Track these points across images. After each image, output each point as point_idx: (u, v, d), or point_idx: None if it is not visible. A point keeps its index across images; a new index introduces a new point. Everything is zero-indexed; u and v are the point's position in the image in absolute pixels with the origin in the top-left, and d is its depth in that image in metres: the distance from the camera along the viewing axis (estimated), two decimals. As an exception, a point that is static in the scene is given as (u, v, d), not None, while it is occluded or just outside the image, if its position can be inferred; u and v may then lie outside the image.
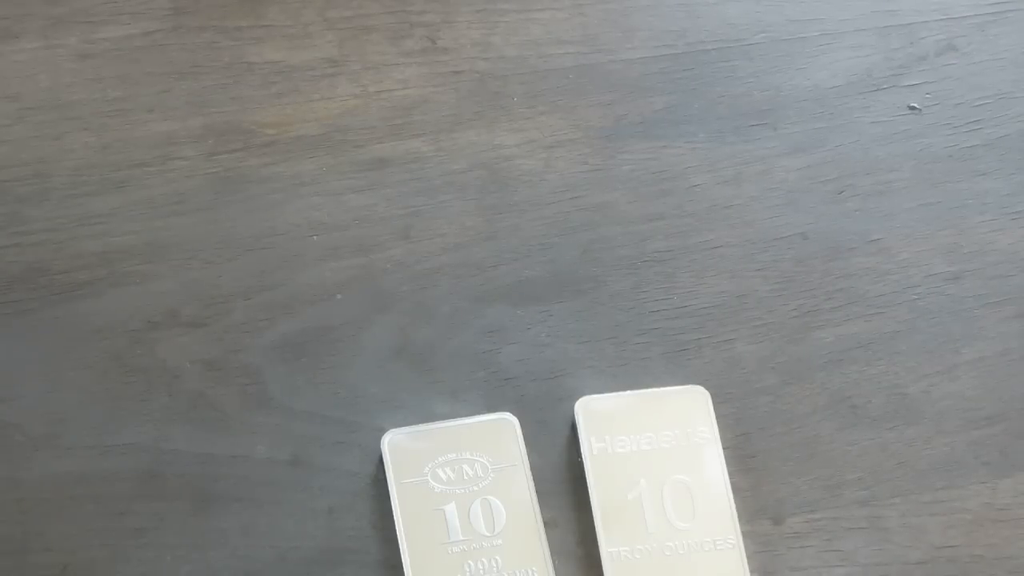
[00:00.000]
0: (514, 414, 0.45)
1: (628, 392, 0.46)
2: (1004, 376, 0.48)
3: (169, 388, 0.45)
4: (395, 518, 0.43)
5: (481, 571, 0.42)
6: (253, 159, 0.50)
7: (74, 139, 0.49)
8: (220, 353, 0.46)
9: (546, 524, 0.43)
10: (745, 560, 0.43)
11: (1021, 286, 0.50)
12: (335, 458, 0.44)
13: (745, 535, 0.44)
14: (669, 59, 0.54)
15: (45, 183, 0.48)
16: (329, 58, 0.52)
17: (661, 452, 0.44)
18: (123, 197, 0.48)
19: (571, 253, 0.49)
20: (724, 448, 0.45)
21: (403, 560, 0.42)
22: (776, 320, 0.48)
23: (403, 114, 0.51)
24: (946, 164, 0.52)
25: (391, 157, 0.50)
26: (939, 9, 0.56)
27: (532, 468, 0.44)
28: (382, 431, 0.44)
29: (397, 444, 0.44)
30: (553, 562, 0.43)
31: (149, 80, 0.51)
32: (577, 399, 0.45)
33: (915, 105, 0.54)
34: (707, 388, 0.46)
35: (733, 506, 0.44)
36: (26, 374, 0.45)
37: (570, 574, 0.43)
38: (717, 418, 0.45)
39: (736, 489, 0.44)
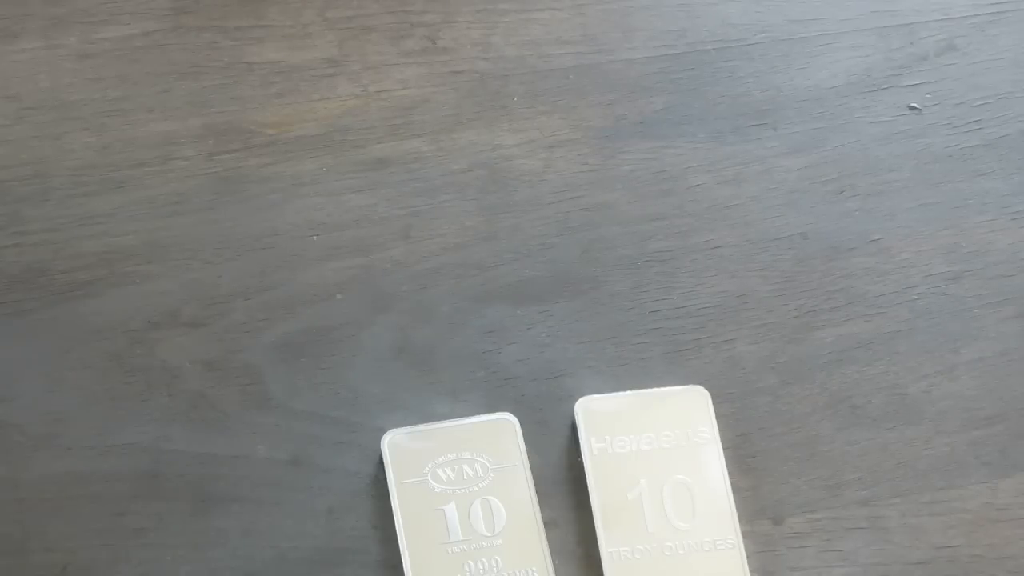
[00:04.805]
0: (514, 414, 0.45)
1: (628, 392, 0.46)
2: (1004, 376, 0.48)
3: (169, 388, 0.45)
4: (395, 518, 0.43)
5: (481, 571, 0.42)
6: (253, 159, 0.50)
7: (74, 139, 0.49)
8: (220, 353, 0.46)
9: (546, 524, 0.43)
10: (745, 560, 0.43)
11: (1021, 286, 0.50)
12: (335, 458, 0.44)
13: (745, 535, 0.44)
14: (669, 59, 0.54)
15: (45, 183, 0.48)
16: (329, 58, 0.52)
17: (661, 452, 0.44)
18: (123, 197, 0.48)
19: (571, 253, 0.49)
20: (724, 448, 0.45)
21: (403, 560, 0.42)
22: (776, 320, 0.48)
23: (403, 114, 0.51)
24: (946, 164, 0.52)
25: (391, 157, 0.50)
26: (939, 9, 0.56)
27: (532, 468, 0.44)
28: (382, 431, 0.44)
29: (397, 444, 0.44)
30: (553, 562, 0.43)
31: (149, 80, 0.51)
32: (577, 399, 0.45)
33: (915, 105, 0.54)
34: (707, 388, 0.46)
35: (733, 506, 0.44)
36: (26, 374, 0.45)
37: (570, 574, 0.43)
38: (717, 418, 0.45)
39: (736, 489, 0.44)
